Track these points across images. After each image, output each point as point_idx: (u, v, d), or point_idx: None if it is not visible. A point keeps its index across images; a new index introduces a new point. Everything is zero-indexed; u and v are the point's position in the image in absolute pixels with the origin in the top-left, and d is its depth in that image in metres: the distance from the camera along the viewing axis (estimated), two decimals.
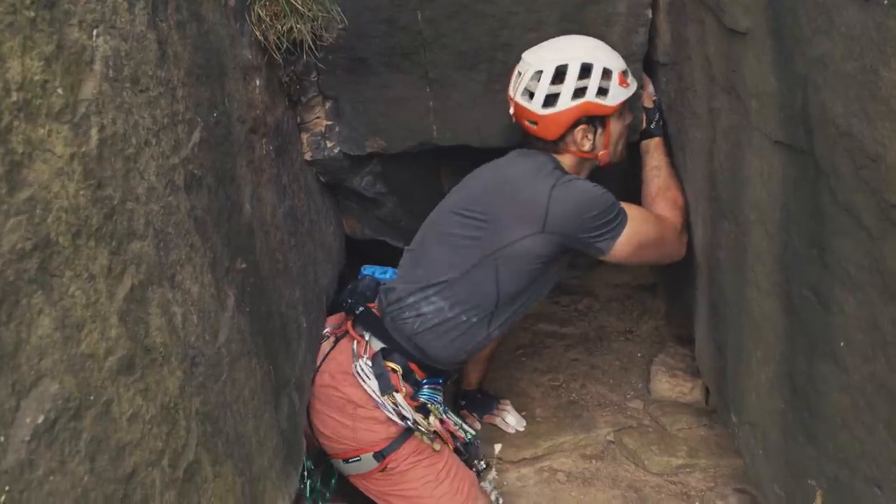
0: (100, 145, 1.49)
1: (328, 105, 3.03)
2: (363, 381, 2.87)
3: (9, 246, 1.22)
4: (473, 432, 3.21)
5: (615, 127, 2.85)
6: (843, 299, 1.78)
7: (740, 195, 2.34)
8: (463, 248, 2.80)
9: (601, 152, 2.86)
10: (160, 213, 1.71)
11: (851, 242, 1.72)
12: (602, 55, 2.75)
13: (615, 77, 2.73)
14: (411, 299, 2.88)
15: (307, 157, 3.09)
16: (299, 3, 2.64)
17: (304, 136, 3.07)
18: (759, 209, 2.21)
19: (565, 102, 2.73)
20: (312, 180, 3.18)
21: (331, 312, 3.25)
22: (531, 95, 2.75)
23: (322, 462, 3.12)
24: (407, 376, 2.92)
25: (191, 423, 1.77)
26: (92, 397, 1.41)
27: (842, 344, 1.80)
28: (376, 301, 3.06)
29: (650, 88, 3.05)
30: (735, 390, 2.58)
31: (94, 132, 1.48)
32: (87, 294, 1.42)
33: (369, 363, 2.90)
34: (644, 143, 3.04)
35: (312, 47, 2.73)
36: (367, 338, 2.98)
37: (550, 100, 2.73)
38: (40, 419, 1.26)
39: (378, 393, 2.85)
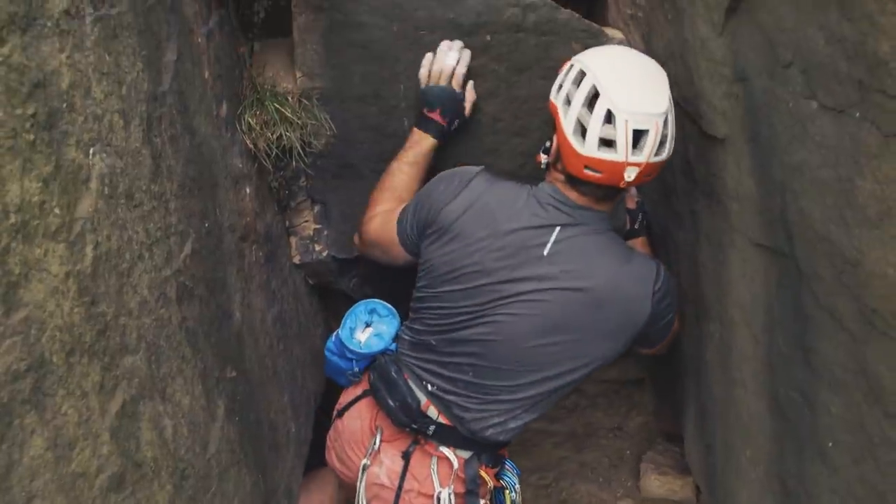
0: (94, 262, 1.52)
1: (317, 209, 3.07)
2: None
3: (3, 367, 1.23)
4: None
5: None
6: (830, 401, 1.79)
7: (724, 296, 2.37)
8: (555, 367, 2.57)
9: None
10: (152, 327, 1.73)
11: (835, 345, 1.74)
12: None
13: None
14: (495, 420, 2.62)
15: (296, 260, 3.12)
16: (289, 111, 2.71)
17: (293, 240, 3.10)
18: (744, 310, 2.24)
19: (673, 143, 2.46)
20: (301, 283, 3.20)
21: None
22: (661, 147, 2.38)
23: None
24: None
25: None
26: None
27: (830, 445, 1.81)
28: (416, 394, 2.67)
29: (633, 190, 3.09)
30: (726, 490, 2.57)
31: (89, 250, 1.50)
32: (80, 412, 1.43)
33: (452, 494, 2.68)
34: (629, 242, 3.07)
35: (301, 154, 2.78)
36: (448, 453, 2.68)
37: (672, 143, 2.43)
38: None
39: None
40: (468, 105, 2.81)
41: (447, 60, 2.73)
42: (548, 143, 2.56)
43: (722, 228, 2.33)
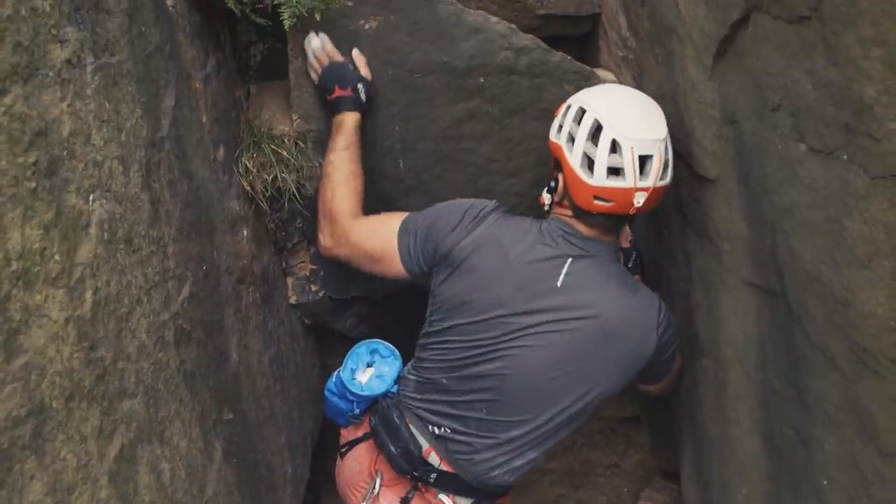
0: (94, 307, 1.53)
1: (313, 250, 3.08)
2: None
3: (4, 413, 1.24)
4: None
5: None
6: (823, 438, 1.80)
7: (717, 334, 2.39)
8: (568, 399, 2.56)
9: None
10: (150, 370, 1.74)
11: (828, 383, 1.75)
12: None
13: None
14: (501, 459, 2.60)
15: (292, 300, 3.13)
16: (285, 153, 2.74)
17: (290, 281, 3.12)
18: (737, 348, 2.25)
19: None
20: (297, 323, 3.21)
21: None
22: (665, 171, 2.44)
23: None
24: None
25: None
26: None
27: (825, 483, 1.82)
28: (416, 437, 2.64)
29: (627, 229, 3.12)
30: None
31: (88, 295, 1.52)
32: (79, 456, 1.44)
33: None
34: None
35: (297, 195, 2.80)
36: (447, 501, 2.67)
37: (673, 166, 2.49)
38: None
39: None
40: (361, 66, 2.77)
41: (315, 45, 2.71)
42: (552, 183, 2.60)
43: (714, 267, 2.35)
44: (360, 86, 2.74)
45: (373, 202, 2.95)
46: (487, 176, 2.94)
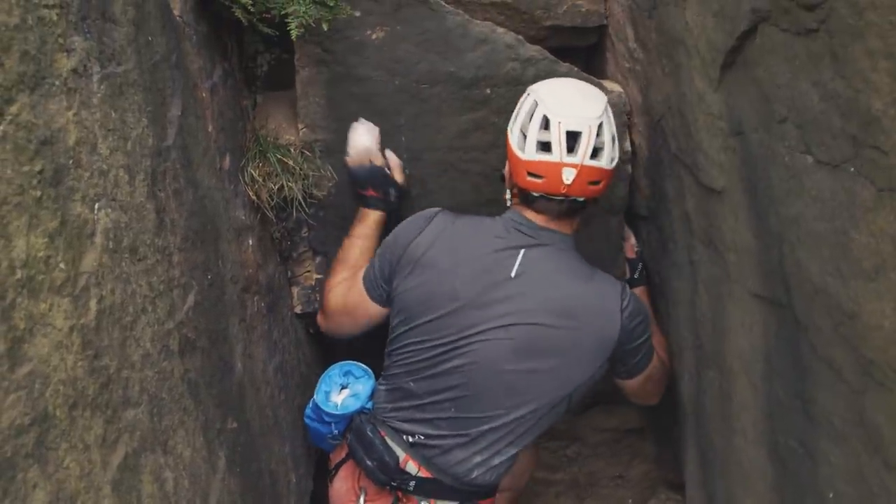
0: (98, 316, 1.53)
1: (318, 260, 3.09)
2: None
3: (7, 422, 1.24)
4: None
5: None
6: (829, 450, 1.79)
7: (723, 345, 2.38)
8: (536, 390, 2.59)
9: None
10: (154, 379, 1.73)
11: (834, 395, 1.74)
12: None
13: None
14: (478, 458, 2.62)
15: (297, 310, 3.13)
16: (291, 163, 2.74)
17: (295, 290, 3.12)
18: (743, 359, 2.24)
19: (616, 154, 2.60)
20: (302, 333, 3.20)
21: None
22: (596, 153, 2.50)
23: None
24: None
25: None
26: None
27: (831, 495, 1.80)
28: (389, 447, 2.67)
29: (632, 240, 3.12)
30: None
31: (93, 304, 1.52)
32: (82, 465, 1.43)
33: None
34: None
35: (303, 204, 2.81)
36: None
37: (611, 155, 2.56)
38: None
39: None
40: (396, 172, 2.88)
41: (361, 140, 2.84)
42: (503, 171, 2.70)
43: (720, 279, 2.34)
44: (391, 190, 2.85)
45: None
46: (493, 186, 2.93)
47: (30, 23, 1.36)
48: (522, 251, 2.57)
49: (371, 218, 2.87)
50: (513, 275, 2.56)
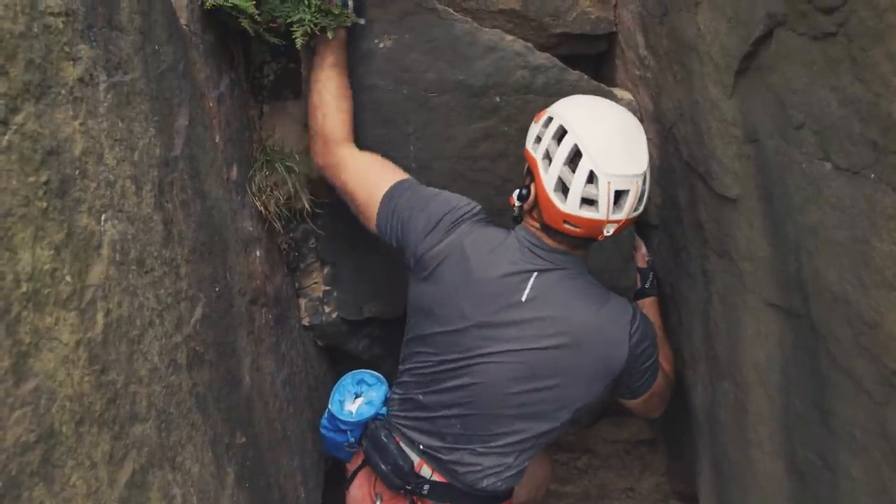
0: (105, 330, 1.50)
1: (326, 270, 3.07)
2: None
3: (13, 439, 1.21)
4: None
5: None
6: (850, 463, 1.76)
7: (738, 356, 2.35)
8: (540, 410, 2.58)
9: None
10: (162, 394, 1.71)
11: (854, 406, 1.71)
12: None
13: None
14: (489, 471, 2.62)
15: (305, 322, 3.10)
16: (298, 172, 2.72)
17: (303, 302, 3.09)
18: (758, 370, 2.21)
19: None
20: (310, 345, 3.18)
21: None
22: (639, 202, 2.46)
23: None
24: None
25: None
26: None
27: None
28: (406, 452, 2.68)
29: (643, 249, 3.09)
30: None
31: (99, 317, 1.49)
32: (89, 483, 1.40)
33: None
34: (639, 302, 3.06)
35: (311, 215, 2.79)
36: None
37: (648, 195, 2.51)
38: None
39: None
40: None
41: None
42: (524, 191, 2.57)
43: (735, 288, 2.31)
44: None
45: None
46: (503, 196, 2.90)
47: (35, 31, 1.34)
48: (535, 275, 2.52)
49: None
50: (524, 299, 2.51)
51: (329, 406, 2.77)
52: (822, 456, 1.89)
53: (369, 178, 2.67)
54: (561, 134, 2.42)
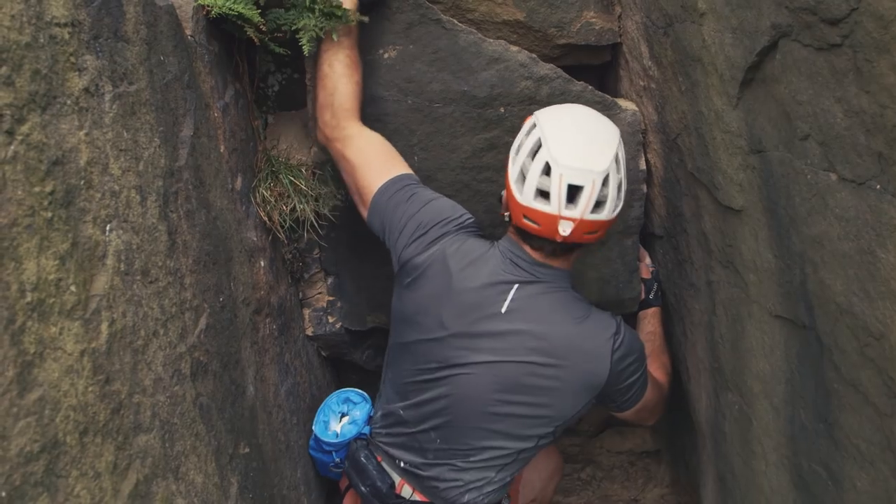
0: (109, 340, 1.50)
1: (330, 281, 3.06)
2: None
3: (16, 449, 1.21)
4: None
5: None
6: (856, 475, 1.75)
7: (743, 367, 2.34)
8: (520, 425, 2.56)
9: None
10: (166, 404, 1.71)
11: (860, 418, 1.71)
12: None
13: None
14: (471, 487, 2.61)
15: (309, 332, 3.10)
16: (302, 183, 2.72)
17: (306, 312, 3.09)
18: (763, 382, 2.21)
19: (621, 202, 2.49)
20: (314, 355, 3.18)
21: None
22: (598, 206, 2.40)
23: None
24: None
25: None
26: None
27: None
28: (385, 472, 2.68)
29: (647, 260, 3.09)
30: None
31: (104, 327, 1.49)
32: (92, 493, 1.40)
33: None
34: (642, 312, 3.06)
35: (315, 225, 2.78)
36: None
37: (615, 204, 2.44)
38: None
39: None
40: None
41: None
42: (502, 192, 2.58)
43: (739, 299, 2.31)
44: None
45: None
46: None
47: (41, 41, 1.34)
48: (515, 287, 2.50)
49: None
50: (503, 310, 2.49)
51: (313, 427, 2.79)
52: (827, 468, 1.88)
53: (373, 163, 2.64)
54: (531, 129, 2.46)
